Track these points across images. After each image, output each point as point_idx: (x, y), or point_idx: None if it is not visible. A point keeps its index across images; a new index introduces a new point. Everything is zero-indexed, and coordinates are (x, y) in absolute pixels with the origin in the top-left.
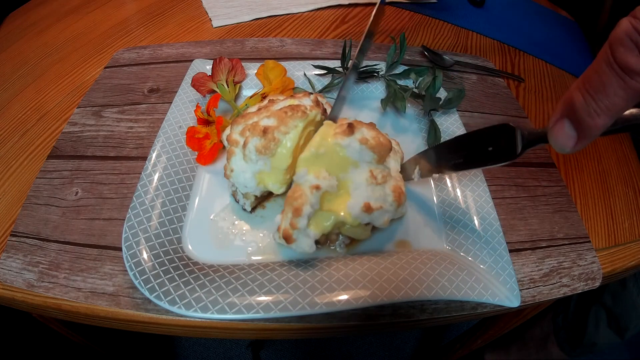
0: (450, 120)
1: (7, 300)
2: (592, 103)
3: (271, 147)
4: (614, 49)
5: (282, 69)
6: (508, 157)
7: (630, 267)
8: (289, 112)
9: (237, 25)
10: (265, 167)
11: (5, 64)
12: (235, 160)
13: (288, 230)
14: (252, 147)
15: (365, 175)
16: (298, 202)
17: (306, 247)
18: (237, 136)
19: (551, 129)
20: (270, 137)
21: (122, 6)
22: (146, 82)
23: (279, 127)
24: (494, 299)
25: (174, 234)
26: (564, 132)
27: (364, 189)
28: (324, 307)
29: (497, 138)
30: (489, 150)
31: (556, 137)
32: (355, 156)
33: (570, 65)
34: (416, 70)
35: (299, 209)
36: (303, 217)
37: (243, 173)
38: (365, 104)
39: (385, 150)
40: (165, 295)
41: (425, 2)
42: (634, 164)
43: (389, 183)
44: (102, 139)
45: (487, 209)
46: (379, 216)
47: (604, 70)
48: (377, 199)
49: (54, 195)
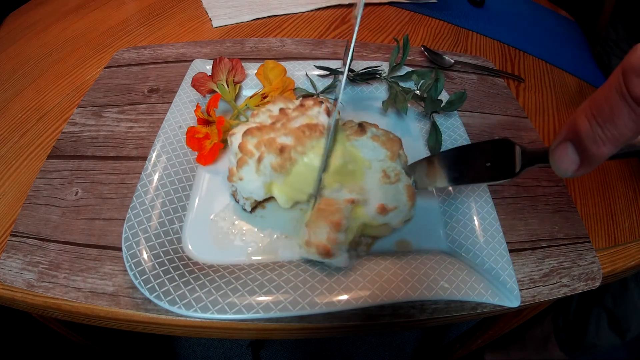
0: (450, 121)
1: (7, 300)
2: (598, 131)
3: (287, 167)
4: (628, 78)
5: (282, 69)
6: (506, 175)
7: (630, 267)
8: (306, 131)
9: (237, 25)
10: (278, 181)
11: (5, 64)
12: (248, 170)
13: (327, 246)
14: (268, 163)
15: (378, 176)
16: (336, 217)
17: (343, 262)
18: (252, 148)
19: (553, 151)
20: (287, 156)
21: (122, 6)
22: (146, 82)
23: (296, 146)
24: (494, 299)
25: (174, 234)
26: (566, 156)
27: (378, 190)
28: (324, 307)
29: (497, 153)
30: (487, 165)
31: (558, 160)
32: (369, 155)
33: (570, 65)
34: (419, 72)
35: (339, 224)
36: (342, 232)
37: (253, 182)
38: (367, 105)
39: (397, 145)
40: (165, 295)
41: (425, 2)
42: (634, 164)
43: (402, 182)
44: (102, 139)
45: (487, 209)
46: (393, 217)
47: (615, 99)
48: (392, 200)
49: (54, 195)
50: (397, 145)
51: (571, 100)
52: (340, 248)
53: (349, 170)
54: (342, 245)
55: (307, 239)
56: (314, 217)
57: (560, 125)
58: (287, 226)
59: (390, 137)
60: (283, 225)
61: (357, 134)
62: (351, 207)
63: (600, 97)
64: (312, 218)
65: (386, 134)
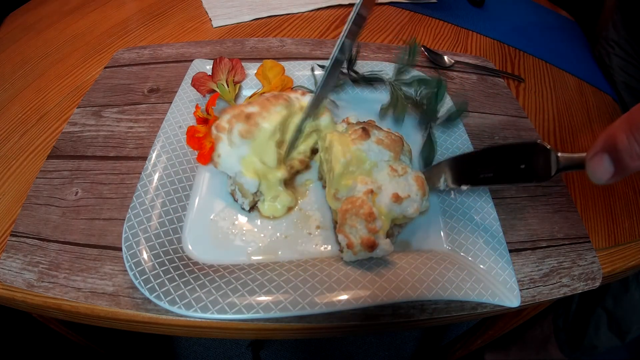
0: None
1: (7, 300)
2: (635, 146)
3: (253, 132)
4: None
5: (281, 68)
6: (540, 178)
7: (630, 267)
8: (271, 99)
9: (237, 25)
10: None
11: (5, 64)
12: (222, 145)
13: (370, 238)
14: (236, 131)
15: (386, 171)
16: (365, 208)
17: (388, 246)
18: (224, 123)
19: (590, 160)
20: (253, 122)
21: (122, 6)
22: (146, 82)
23: (261, 112)
24: (494, 299)
25: (174, 234)
26: (602, 166)
27: (388, 183)
28: (324, 307)
29: (530, 156)
30: (521, 167)
31: (594, 169)
32: (374, 157)
33: (570, 65)
34: (421, 80)
35: (371, 213)
36: (378, 219)
37: (229, 157)
38: (366, 107)
39: (399, 146)
40: (165, 295)
41: (425, 2)
42: None
43: (410, 174)
44: (102, 139)
45: (487, 209)
46: (408, 205)
47: None
48: (403, 189)
49: (54, 195)
50: (399, 145)
51: (571, 100)
52: (380, 236)
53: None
54: (381, 233)
55: (347, 242)
56: (342, 219)
57: (560, 125)
58: (287, 226)
59: (392, 137)
60: (283, 225)
61: (361, 138)
62: (371, 197)
63: (639, 116)
64: (341, 222)
65: (388, 135)
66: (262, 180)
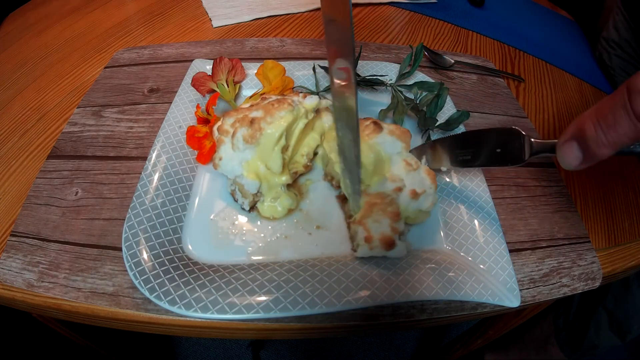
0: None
1: (7, 300)
2: (601, 136)
3: (257, 137)
4: (633, 97)
5: (281, 68)
6: (515, 162)
7: (630, 267)
8: (275, 104)
9: (237, 25)
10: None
11: (5, 64)
12: (225, 148)
13: (391, 237)
14: (240, 136)
15: (401, 165)
16: (394, 207)
17: (403, 249)
18: (227, 127)
19: (560, 146)
20: (257, 126)
21: (122, 6)
22: (146, 82)
23: (265, 117)
24: (494, 299)
25: (174, 234)
26: (572, 152)
27: (405, 178)
28: (324, 307)
29: (506, 141)
30: (497, 151)
31: (564, 155)
32: (389, 149)
33: (570, 65)
34: (422, 85)
35: (398, 214)
36: (402, 220)
37: (230, 161)
38: (366, 108)
39: (409, 136)
40: (165, 295)
41: (425, 2)
42: (634, 164)
43: (422, 167)
44: (102, 139)
45: (487, 209)
46: (424, 200)
47: (619, 112)
48: (419, 185)
49: (54, 195)
50: (409, 136)
51: (571, 100)
52: (398, 238)
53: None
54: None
55: (366, 235)
56: (366, 212)
57: (560, 125)
58: (287, 226)
59: (401, 130)
60: (283, 225)
61: (375, 132)
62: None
63: (606, 108)
64: (364, 213)
65: (397, 127)
66: (262, 182)
